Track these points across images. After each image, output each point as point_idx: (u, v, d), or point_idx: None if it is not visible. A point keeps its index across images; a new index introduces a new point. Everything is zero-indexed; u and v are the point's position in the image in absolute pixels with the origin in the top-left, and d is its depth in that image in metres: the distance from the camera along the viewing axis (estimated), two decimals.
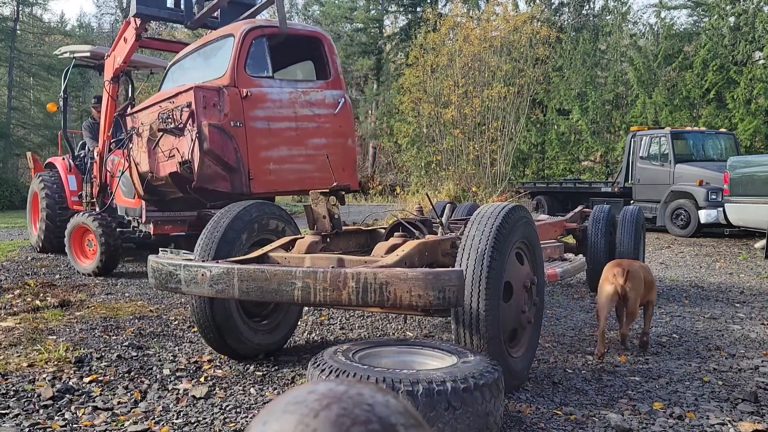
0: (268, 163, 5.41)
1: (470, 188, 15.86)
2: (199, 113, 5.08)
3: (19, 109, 28.22)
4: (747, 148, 16.74)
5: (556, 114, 22.37)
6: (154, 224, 6.78)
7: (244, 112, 5.24)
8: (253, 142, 5.29)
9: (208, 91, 5.15)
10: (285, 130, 5.49)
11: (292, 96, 5.54)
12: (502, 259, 2.81)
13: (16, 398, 2.84)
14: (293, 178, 5.59)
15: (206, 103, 5.11)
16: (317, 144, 5.67)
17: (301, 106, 5.56)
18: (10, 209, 21.17)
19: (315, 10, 36.66)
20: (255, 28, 5.46)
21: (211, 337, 3.41)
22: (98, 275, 6.64)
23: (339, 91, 5.85)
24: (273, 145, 5.44)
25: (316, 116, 5.66)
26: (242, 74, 5.30)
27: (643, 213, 6.41)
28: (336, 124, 5.76)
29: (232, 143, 5.17)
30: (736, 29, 18.07)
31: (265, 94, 5.39)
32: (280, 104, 5.46)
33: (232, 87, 5.22)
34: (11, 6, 27.26)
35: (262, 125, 5.35)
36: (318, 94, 5.71)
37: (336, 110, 5.73)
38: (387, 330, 4.37)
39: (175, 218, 6.94)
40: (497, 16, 18.88)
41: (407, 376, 2.21)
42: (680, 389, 3.12)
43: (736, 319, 4.91)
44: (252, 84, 5.35)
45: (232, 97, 5.18)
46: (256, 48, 5.43)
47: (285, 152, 5.51)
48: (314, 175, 5.66)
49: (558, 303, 5.50)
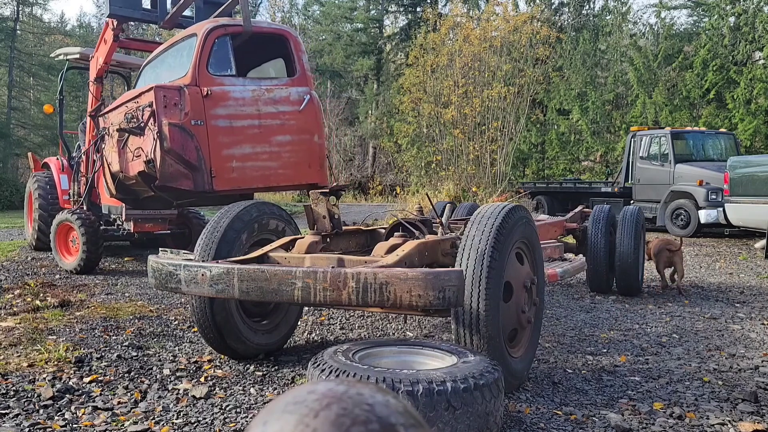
0: (230, 161, 5.47)
1: (470, 188, 15.86)
2: (159, 112, 5.15)
3: (19, 109, 28.23)
4: (747, 148, 16.74)
5: (556, 114, 22.38)
6: (134, 222, 6.90)
7: (206, 111, 5.30)
8: (214, 141, 5.36)
9: (168, 91, 5.23)
10: (248, 128, 5.54)
11: (256, 94, 5.58)
12: (502, 259, 2.81)
13: (16, 398, 2.84)
14: (257, 175, 5.64)
15: (167, 103, 5.19)
16: (281, 141, 5.72)
17: (264, 103, 5.60)
18: (10, 209, 21.18)
19: (315, 10, 36.68)
20: (218, 27, 5.52)
21: (211, 337, 3.41)
22: (80, 273, 6.74)
23: (304, 88, 5.86)
24: (236, 142, 5.49)
25: (281, 113, 5.70)
26: (204, 73, 5.36)
27: (643, 213, 6.41)
28: (301, 120, 5.79)
29: (193, 142, 5.24)
30: (736, 29, 18.07)
31: (227, 92, 5.45)
32: (243, 102, 5.51)
33: (194, 86, 5.29)
34: (11, 6, 27.27)
35: (224, 123, 5.41)
36: (283, 91, 5.74)
37: (301, 107, 5.75)
38: (387, 330, 4.37)
39: (156, 216, 7.08)
40: (497, 16, 18.88)
41: (407, 376, 2.21)
42: (680, 389, 3.12)
43: (736, 319, 4.91)
44: (214, 83, 5.41)
45: (193, 96, 5.24)
46: (219, 47, 5.49)
47: (248, 150, 5.57)
48: (279, 172, 5.73)
49: (558, 303, 5.50)
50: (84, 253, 6.63)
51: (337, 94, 33.72)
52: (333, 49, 33.07)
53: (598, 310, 5.21)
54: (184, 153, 5.18)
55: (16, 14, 27.60)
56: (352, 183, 28.79)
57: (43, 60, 26.95)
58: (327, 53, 33.34)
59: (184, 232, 8.05)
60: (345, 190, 3.77)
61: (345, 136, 31.31)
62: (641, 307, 5.37)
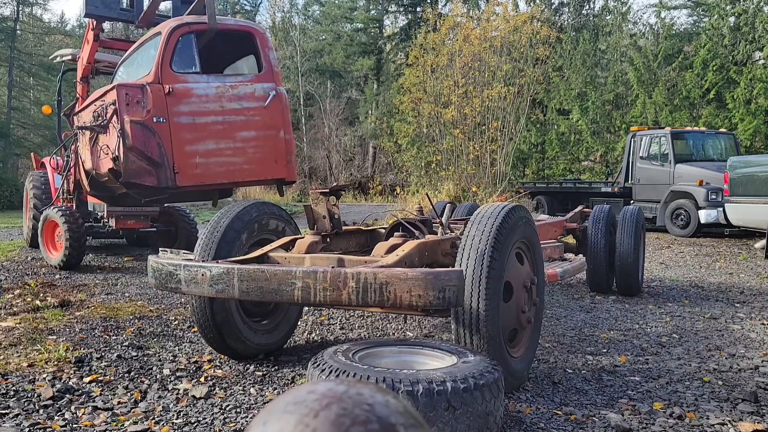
0: (194, 157, 5.54)
1: (470, 188, 15.86)
2: (122, 110, 5.25)
3: (19, 109, 28.22)
4: (747, 148, 16.72)
5: (556, 114, 22.36)
6: (116, 219, 7.01)
7: (168, 108, 5.39)
8: (177, 137, 5.43)
9: (131, 89, 5.33)
10: (211, 124, 5.61)
11: (220, 90, 5.65)
12: (502, 259, 2.81)
13: (16, 398, 2.84)
14: (222, 170, 5.71)
15: (129, 101, 5.28)
16: (246, 137, 5.78)
17: (228, 100, 5.67)
18: (10, 209, 21.19)
19: (315, 10, 36.67)
20: (182, 26, 5.60)
21: (211, 337, 3.41)
22: (63, 268, 6.84)
23: (270, 84, 5.90)
24: (199, 139, 5.56)
25: (245, 109, 5.76)
26: (167, 71, 5.44)
27: (643, 213, 6.41)
28: (266, 116, 5.85)
29: (156, 138, 5.32)
30: (736, 29, 18.06)
31: (190, 89, 5.52)
32: (206, 99, 5.58)
33: (156, 84, 5.36)
34: (11, 6, 27.27)
35: (186, 120, 5.48)
36: (247, 87, 5.80)
37: (266, 103, 5.80)
38: (387, 330, 4.37)
39: (138, 213, 7.19)
40: (497, 16, 18.88)
41: (407, 376, 2.21)
42: (680, 389, 3.12)
43: (736, 319, 4.91)
44: (177, 80, 5.48)
45: (155, 94, 5.32)
46: (183, 44, 5.57)
47: (212, 146, 5.63)
48: (244, 168, 5.81)
49: (558, 303, 5.50)
50: (67, 249, 6.72)
51: (337, 94, 33.71)
52: (333, 49, 33.06)
53: (598, 310, 5.21)
54: (146, 150, 5.27)
55: (16, 14, 27.61)
56: (352, 183, 28.79)
57: (43, 60, 26.94)
58: (327, 53, 33.33)
59: (170, 230, 8.16)
60: (345, 190, 3.78)
61: (345, 136, 31.30)
62: (641, 307, 5.37)
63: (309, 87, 32.13)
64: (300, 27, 34.77)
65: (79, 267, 7.03)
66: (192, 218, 8.43)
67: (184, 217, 8.25)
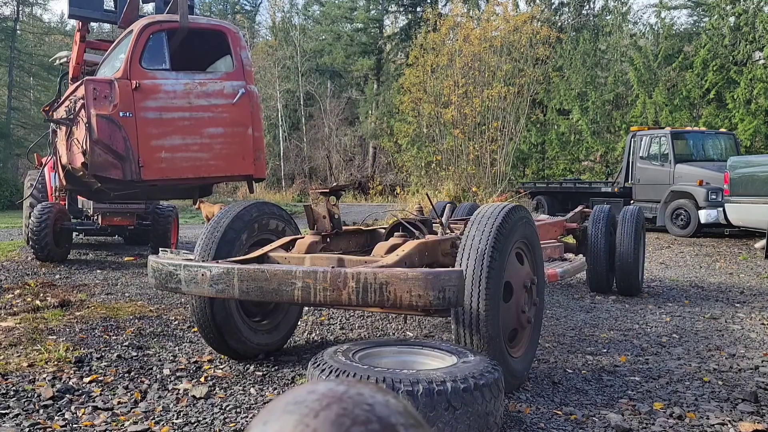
0: (159, 152, 5.63)
1: (470, 188, 15.85)
2: (89, 104, 5.36)
3: (19, 109, 28.24)
4: (747, 148, 16.72)
5: (556, 114, 22.36)
6: (102, 216, 7.25)
7: (135, 103, 5.49)
8: (143, 131, 5.54)
9: (99, 84, 5.45)
10: (178, 120, 5.70)
11: (188, 87, 5.74)
12: (502, 259, 2.81)
13: (16, 398, 2.84)
14: (187, 165, 5.79)
15: (96, 95, 5.39)
16: (213, 133, 5.86)
17: (196, 96, 5.76)
18: (10, 209, 21.19)
19: (315, 10, 36.69)
20: (153, 24, 5.70)
21: (211, 337, 3.41)
22: (39, 259, 7.24)
23: (240, 82, 5.98)
24: (165, 134, 5.65)
25: (213, 106, 5.84)
26: (136, 67, 5.54)
27: (643, 213, 6.41)
28: (235, 113, 5.93)
29: (121, 133, 5.42)
30: (736, 29, 18.05)
31: (159, 85, 5.62)
32: (174, 95, 5.67)
33: (124, 79, 5.47)
34: (11, 6, 27.28)
35: (153, 115, 5.58)
36: (216, 85, 5.89)
37: (234, 100, 5.87)
38: (387, 330, 4.37)
39: (124, 210, 7.33)
40: (497, 16, 18.87)
41: (407, 376, 2.21)
42: (680, 389, 3.12)
43: (736, 319, 4.91)
44: (146, 76, 5.58)
45: (122, 89, 5.42)
46: (154, 42, 5.67)
47: (178, 141, 5.72)
48: (210, 163, 5.88)
49: (558, 303, 5.50)
50: (29, 242, 7.02)
51: (337, 94, 33.73)
52: (333, 49, 33.07)
53: (598, 310, 5.21)
54: (111, 143, 5.37)
55: (16, 14, 27.63)
56: (352, 183, 28.79)
57: (43, 60, 26.97)
58: (327, 53, 33.34)
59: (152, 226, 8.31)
60: (345, 190, 3.78)
61: (345, 136, 31.31)
62: (641, 307, 5.37)
63: (309, 87, 32.15)
64: (300, 27, 34.79)
65: (79, 267, 7.04)
66: (167, 215, 8.52)
67: (161, 214, 8.40)
